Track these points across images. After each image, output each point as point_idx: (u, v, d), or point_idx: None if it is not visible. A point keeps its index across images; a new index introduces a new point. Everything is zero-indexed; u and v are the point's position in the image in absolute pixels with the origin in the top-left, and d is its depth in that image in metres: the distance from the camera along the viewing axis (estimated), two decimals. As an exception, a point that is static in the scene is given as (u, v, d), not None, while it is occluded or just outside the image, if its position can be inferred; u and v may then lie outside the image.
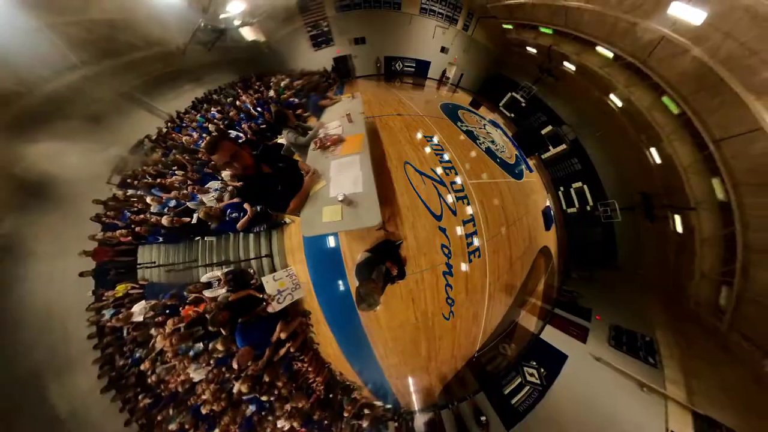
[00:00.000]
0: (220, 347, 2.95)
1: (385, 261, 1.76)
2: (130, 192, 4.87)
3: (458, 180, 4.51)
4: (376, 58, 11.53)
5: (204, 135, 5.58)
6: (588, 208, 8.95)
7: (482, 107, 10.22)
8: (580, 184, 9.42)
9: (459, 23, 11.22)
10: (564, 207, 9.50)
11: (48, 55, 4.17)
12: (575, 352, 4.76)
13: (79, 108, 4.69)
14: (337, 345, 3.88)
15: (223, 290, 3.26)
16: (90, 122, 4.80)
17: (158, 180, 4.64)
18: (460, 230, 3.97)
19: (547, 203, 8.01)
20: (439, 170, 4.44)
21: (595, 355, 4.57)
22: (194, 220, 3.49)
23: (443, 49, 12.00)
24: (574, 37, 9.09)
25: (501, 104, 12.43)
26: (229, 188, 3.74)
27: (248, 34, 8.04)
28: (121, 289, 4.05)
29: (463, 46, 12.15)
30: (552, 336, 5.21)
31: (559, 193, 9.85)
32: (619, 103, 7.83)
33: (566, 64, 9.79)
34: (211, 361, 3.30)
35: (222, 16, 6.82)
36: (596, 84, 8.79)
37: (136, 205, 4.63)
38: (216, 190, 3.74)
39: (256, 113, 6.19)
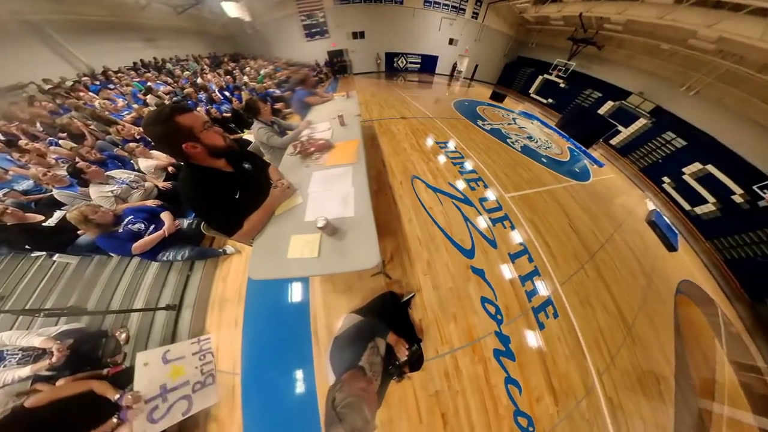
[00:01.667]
0: None
1: (385, 332, 1.07)
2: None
3: (490, 195, 3.27)
4: (376, 54, 10.74)
5: (135, 106, 4.23)
6: (736, 198, 5.58)
7: (507, 99, 8.51)
8: (698, 165, 6.32)
9: (467, 12, 10.17)
10: (687, 207, 6.36)
11: None
12: None
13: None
14: None
15: (27, 372, 1.33)
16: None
17: (22, 144, 2.97)
18: (508, 271, 2.38)
19: (650, 207, 5.36)
20: (461, 184, 3.28)
21: None
22: (51, 221, 1.91)
23: (452, 41, 10.91)
24: (609, -2, 7.50)
25: (531, 91, 10.74)
26: (146, 185, 2.32)
27: (231, 10, 7.36)
28: None
29: (475, 35, 10.89)
30: None
31: (665, 185, 6.71)
32: (710, 47, 5.85)
33: (607, 26, 7.91)
34: None
35: (203, -16, 5.91)
36: (660, 37, 6.92)
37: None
38: (122, 183, 2.20)
39: (221, 97, 4.87)
